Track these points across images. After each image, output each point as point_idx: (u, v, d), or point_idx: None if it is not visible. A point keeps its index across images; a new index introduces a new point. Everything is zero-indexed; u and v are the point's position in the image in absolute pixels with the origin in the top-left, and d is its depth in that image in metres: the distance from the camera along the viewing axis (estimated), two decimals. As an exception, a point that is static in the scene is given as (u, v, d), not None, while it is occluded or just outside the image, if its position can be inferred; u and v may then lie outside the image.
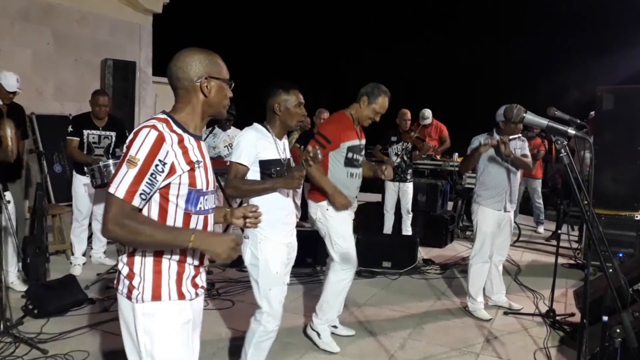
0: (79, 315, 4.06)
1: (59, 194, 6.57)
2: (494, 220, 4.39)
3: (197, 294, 1.91)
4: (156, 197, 1.77)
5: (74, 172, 5.24)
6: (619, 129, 5.48)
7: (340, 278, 3.74)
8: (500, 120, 4.28)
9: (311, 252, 5.66)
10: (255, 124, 2.97)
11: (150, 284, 1.79)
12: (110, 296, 4.39)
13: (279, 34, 18.41)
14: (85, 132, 5.08)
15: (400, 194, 6.60)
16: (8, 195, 4.11)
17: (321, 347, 3.72)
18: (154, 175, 1.70)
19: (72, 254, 5.23)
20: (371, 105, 3.62)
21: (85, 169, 4.90)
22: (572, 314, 4.42)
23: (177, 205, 1.79)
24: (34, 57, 7.45)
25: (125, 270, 1.81)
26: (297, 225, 7.78)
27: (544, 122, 1.93)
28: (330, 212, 3.64)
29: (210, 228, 1.94)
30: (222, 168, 5.66)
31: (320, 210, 3.69)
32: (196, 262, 1.89)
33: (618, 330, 1.58)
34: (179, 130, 1.80)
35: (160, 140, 1.70)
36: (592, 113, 6.11)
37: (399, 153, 6.55)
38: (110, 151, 5.17)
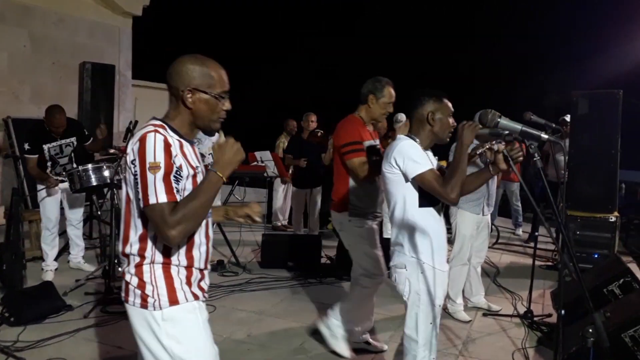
0: (57, 323, 4.00)
1: (35, 200, 6.47)
2: (472, 224, 4.46)
3: (204, 297, 1.92)
4: None
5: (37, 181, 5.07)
6: (594, 133, 5.58)
7: (366, 285, 3.61)
8: None
9: (293, 256, 5.67)
10: (403, 136, 2.68)
11: (165, 289, 1.79)
12: (90, 302, 4.33)
13: (260, 35, 18.39)
14: (45, 146, 4.91)
15: (380, 199, 6.66)
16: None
17: (333, 347, 3.67)
18: (178, 172, 1.72)
19: (43, 260, 5.14)
20: (380, 99, 3.49)
21: (64, 173, 4.84)
22: (549, 315, 4.49)
23: None
24: (10, 60, 7.34)
25: (134, 281, 1.80)
26: (281, 229, 7.79)
27: (517, 126, 1.97)
28: (354, 223, 3.50)
29: (211, 232, 1.94)
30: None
31: (343, 221, 3.55)
32: (202, 266, 1.90)
33: (590, 330, 1.62)
34: (176, 136, 1.80)
35: (168, 144, 1.71)
36: (568, 117, 6.22)
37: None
38: (74, 156, 5.06)
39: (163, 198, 1.66)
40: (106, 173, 4.72)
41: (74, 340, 3.72)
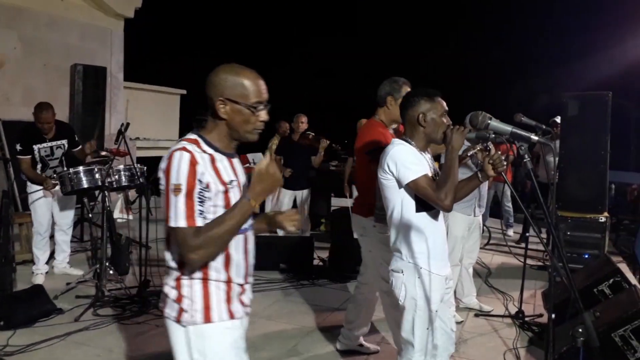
0: (47, 326, 3.97)
1: (25, 202, 6.42)
2: (464, 225, 4.47)
3: (246, 313, 1.90)
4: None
5: (28, 183, 5.02)
6: (584, 134, 5.63)
7: (374, 290, 3.61)
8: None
9: (285, 258, 5.67)
10: (396, 140, 2.64)
11: (201, 306, 1.77)
12: (81, 306, 4.30)
13: (252, 36, 18.37)
14: (36, 147, 4.89)
15: None
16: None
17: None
18: (201, 193, 1.69)
19: (34, 263, 5.10)
20: (399, 100, 3.26)
21: (55, 175, 4.82)
22: (541, 315, 4.51)
23: None
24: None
25: (173, 294, 1.80)
26: (272, 231, 7.77)
27: (508, 128, 1.98)
28: (378, 229, 3.38)
29: (250, 246, 1.91)
30: None
31: (367, 226, 3.47)
32: (241, 280, 1.88)
33: (580, 330, 1.63)
34: (210, 150, 1.77)
35: (193, 162, 1.68)
36: (558, 118, 6.26)
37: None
38: (65, 159, 5.05)
39: (183, 223, 1.66)
40: (97, 175, 4.70)
41: (65, 344, 3.70)
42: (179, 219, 1.66)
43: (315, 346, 3.87)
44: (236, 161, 1.88)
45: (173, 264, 1.80)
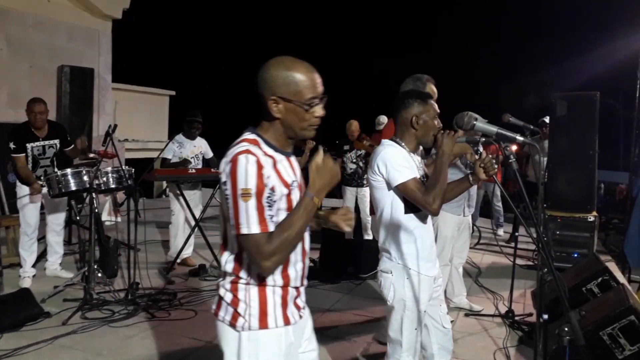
0: (34, 330, 3.92)
1: (13, 205, 6.36)
2: (453, 225, 4.48)
3: (300, 316, 1.85)
4: None
5: (18, 183, 4.97)
6: (573, 134, 5.67)
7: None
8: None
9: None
10: (387, 141, 2.62)
11: (257, 311, 1.73)
12: (68, 309, 4.26)
13: (242, 36, 18.34)
14: (29, 145, 4.87)
15: (358, 199, 6.85)
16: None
17: None
18: (270, 198, 1.64)
19: (21, 266, 5.05)
20: None
21: (42, 178, 4.77)
22: (530, 314, 4.53)
23: None
24: (-14, 64, 7.22)
25: (228, 297, 1.76)
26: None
27: (493, 129, 1.98)
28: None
29: (307, 246, 1.86)
30: (205, 175, 5.59)
31: None
32: (298, 283, 1.83)
33: (566, 329, 1.63)
34: (270, 151, 1.71)
35: (260, 166, 1.62)
36: (547, 118, 6.30)
37: (354, 160, 6.85)
38: (56, 159, 5.02)
39: (256, 229, 1.60)
40: (85, 178, 4.66)
41: (52, 348, 3.65)
42: (251, 225, 1.60)
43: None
44: (294, 160, 1.83)
45: (229, 267, 1.76)
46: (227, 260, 1.76)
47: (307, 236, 1.86)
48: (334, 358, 3.73)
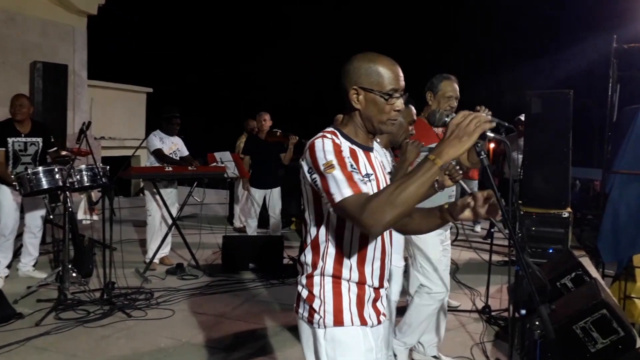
0: (6, 332, 3.83)
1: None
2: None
3: (379, 321, 1.78)
4: (333, 220, 1.69)
5: None
6: (547, 132, 5.75)
7: (425, 302, 3.48)
8: None
9: (255, 258, 5.63)
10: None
11: (332, 307, 1.70)
12: (42, 310, 4.18)
13: (220, 34, 18.20)
14: (10, 140, 4.81)
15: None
16: None
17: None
18: (352, 166, 1.61)
19: None
20: (437, 94, 3.34)
21: (12, 177, 4.67)
22: (507, 309, 4.58)
23: (352, 227, 1.69)
24: (-44, 60, 7.05)
25: (304, 293, 1.75)
26: (242, 231, 7.70)
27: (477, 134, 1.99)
28: (419, 235, 3.29)
29: (388, 246, 1.81)
30: (182, 173, 5.54)
31: None
32: (376, 284, 1.77)
33: (537, 323, 1.65)
34: (348, 143, 1.71)
35: (336, 144, 1.63)
36: (522, 116, 6.38)
37: None
38: (38, 158, 4.94)
39: (348, 192, 1.54)
40: (58, 176, 4.58)
41: (25, 350, 3.58)
42: (343, 190, 1.54)
43: (285, 345, 3.85)
44: (375, 155, 1.81)
45: (308, 259, 1.74)
46: (305, 251, 1.76)
47: (387, 235, 1.81)
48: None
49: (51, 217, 5.14)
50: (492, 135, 1.60)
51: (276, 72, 18.55)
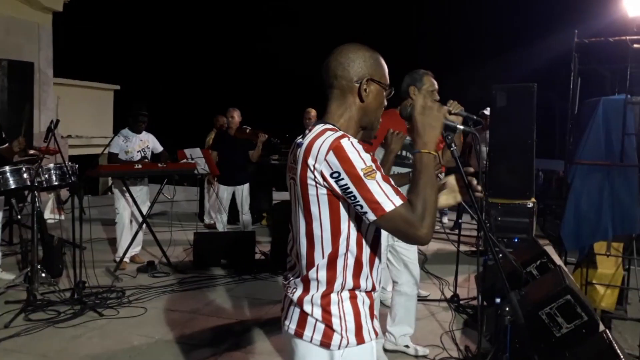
0: (-26, 334, 3.78)
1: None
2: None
3: (379, 329, 1.70)
4: (354, 230, 1.56)
5: None
6: (512, 124, 5.88)
7: (403, 292, 3.66)
8: None
9: (227, 254, 5.63)
10: None
11: (353, 325, 1.55)
12: (11, 311, 4.11)
13: (189, 30, 17.98)
14: None
15: None
16: None
17: None
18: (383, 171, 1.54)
19: None
20: (422, 89, 3.37)
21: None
22: (474, 298, 4.71)
23: (366, 233, 1.59)
24: None
25: (317, 313, 1.55)
26: (213, 227, 7.66)
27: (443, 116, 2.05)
28: None
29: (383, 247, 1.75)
30: (152, 170, 5.48)
31: None
32: (379, 288, 1.68)
33: (507, 309, 1.72)
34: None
35: (363, 144, 1.53)
36: (487, 110, 6.53)
37: None
38: None
39: (398, 200, 1.45)
40: (26, 175, 4.50)
41: (-6, 352, 3.54)
42: (393, 199, 1.44)
43: (258, 339, 3.88)
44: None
45: (321, 276, 1.56)
46: (319, 266, 1.56)
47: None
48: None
49: (19, 217, 5.04)
50: (461, 127, 1.66)
51: (246, 68, 18.46)
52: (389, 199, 1.44)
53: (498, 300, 2.69)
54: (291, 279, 1.66)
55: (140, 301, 4.56)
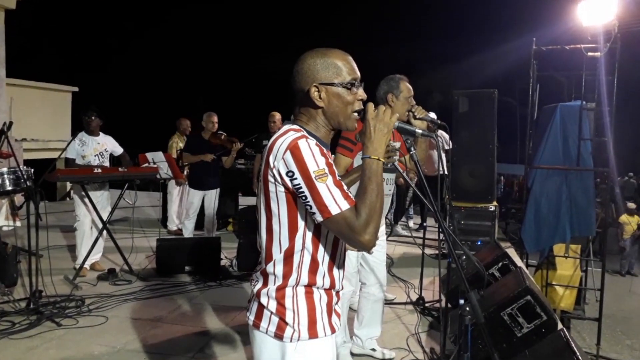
0: None
1: None
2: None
3: (338, 326, 1.74)
4: (310, 228, 1.61)
5: None
6: (474, 129, 6.00)
7: (370, 294, 3.69)
8: None
9: (191, 260, 5.53)
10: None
11: (306, 319, 1.62)
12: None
13: (147, 31, 17.69)
14: None
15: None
16: None
17: None
18: (337, 173, 1.57)
19: None
20: (400, 96, 3.39)
21: None
22: (439, 300, 4.77)
23: (327, 234, 1.64)
24: None
25: (272, 305, 1.63)
26: (176, 233, 7.52)
27: (395, 123, 2.07)
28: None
29: (345, 247, 1.76)
30: (112, 175, 5.33)
31: None
32: (339, 287, 1.73)
33: (468, 309, 1.75)
34: (314, 141, 1.63)
35: (321, 148, 1.58)
36: (432, 114, 6.64)
37: None
38: None
39: (345, 204, 1.51)
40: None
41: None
42: (340, 203, 1.51)
43: (223, 346, 3.82)
44: (329, 154, 1.75)
45: (278, 271, 1.63)
46: (276, 261, 1.64)
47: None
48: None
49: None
50: (419, 132, 1.68)
51: (208, 70, 18.27)
52: (336, 202, 1.51)
53: (462, 301, 2.72)
54: (257, 272, 1.73)
55: (101, 310, 4.42)
